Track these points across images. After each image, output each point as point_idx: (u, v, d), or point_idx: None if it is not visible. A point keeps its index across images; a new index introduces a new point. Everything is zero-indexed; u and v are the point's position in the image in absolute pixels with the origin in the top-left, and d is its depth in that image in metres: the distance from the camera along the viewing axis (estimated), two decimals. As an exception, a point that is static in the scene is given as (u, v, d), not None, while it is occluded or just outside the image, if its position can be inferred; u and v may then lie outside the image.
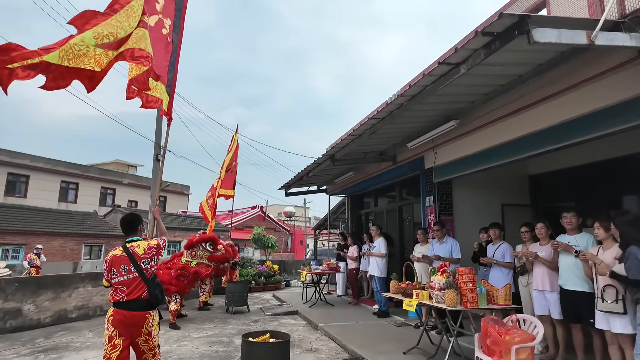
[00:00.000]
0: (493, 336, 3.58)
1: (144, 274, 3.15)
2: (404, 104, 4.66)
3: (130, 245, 3.20)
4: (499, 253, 5.39)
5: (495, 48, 3.27)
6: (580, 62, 3.98)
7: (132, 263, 3.13)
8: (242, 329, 6.81)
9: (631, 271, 3.14)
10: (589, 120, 4.28)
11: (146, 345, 3.16)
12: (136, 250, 3.17)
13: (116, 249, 3.22)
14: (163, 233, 3.63)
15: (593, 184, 7.36)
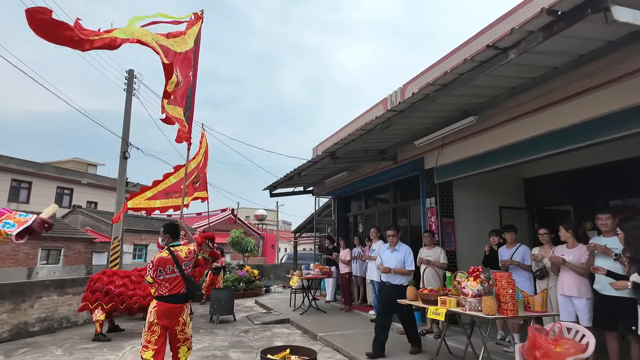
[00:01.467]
0: (544, 347, 3.25)
1: (184, 273, 3.88)
2: (430, 94, 4.30)
3: (175, 249, 3.93)
4: (518, 256, 5.14)
5: (558, 30, 2.97)
6: (626, 54, 3.78)
7: (175, 264, 3.84)
8: (234, 341, 6.19)
9: None
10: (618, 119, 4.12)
11: (182, 334, 3.88)
12: (179, 254, 3.92)
13: (162, 252, 3.95)
14: (191, 240, 4.34)
15: (585, 187, 7.40)
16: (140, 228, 21.79)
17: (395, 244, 5.45)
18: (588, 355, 3.28)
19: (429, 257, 6.18)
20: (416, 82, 7.05)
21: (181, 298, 3.80)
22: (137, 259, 21.08)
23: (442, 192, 7.11)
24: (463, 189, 7.33)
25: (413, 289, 4.87)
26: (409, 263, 5.25)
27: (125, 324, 7.22)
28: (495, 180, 7.54)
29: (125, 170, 14.12)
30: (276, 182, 9.69)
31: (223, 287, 9.99)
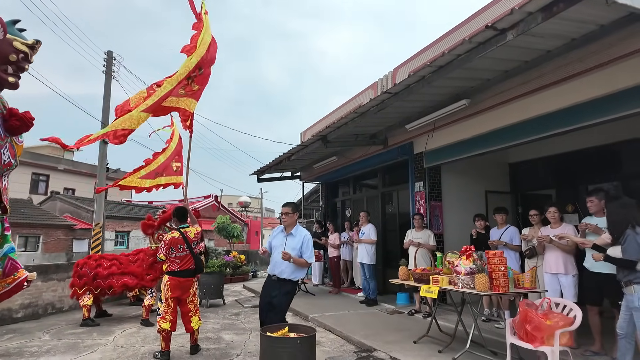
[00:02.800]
0: (536, 321, 3.38)
1: (194, 251, 4.45)
2: (426, 76, 4.32)
3: (185, 230, 4.49)
4: (507, 236, 5.30)
5: (558, 11, 3.01)
6: (616, 38, 3.87)
7: (186, 243, 4.40)
8: (226, 323, 6.20)
9: (627, 252, 3.17)
10: (606, 102, 4.24)
11: (192, 304, 4.47)
12: (189, 234, 4.47)
13: (174, 232, 4.48)
14: (195, 222, 4.82)
15: (566, 172, 7.64)
16: (122, 214, 21.37)
17: (292, 226, 4.11)
18: (576, 327, 3.43)
19: (418, 239, 6.30)
20: (407, 65, 7.05)
21: (191, 272, 4.43)
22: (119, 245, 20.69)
23: (431, 176, 7.21)
24: (451, 173, 7.45)
25: (405, 268, 4.97)
26: (308, 254, 3.98)
27: (113, 309, 7.12)
28: (481, 164, 7.69)
29: (105, 155, 13.72)
30: (264, 167, 9.61)
31: (211, 271, 9.92)
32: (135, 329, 5.77)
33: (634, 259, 3.13)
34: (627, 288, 3.20)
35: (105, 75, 14.53)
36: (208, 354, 4.53)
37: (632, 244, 3.15)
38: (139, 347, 4.83)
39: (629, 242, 3.17)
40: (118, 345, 4.92)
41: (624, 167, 6.68)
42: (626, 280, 3.20)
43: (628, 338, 3.28)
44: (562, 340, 3.36)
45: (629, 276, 3.17)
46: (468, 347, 4.14)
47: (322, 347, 4.85)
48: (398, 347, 4.57)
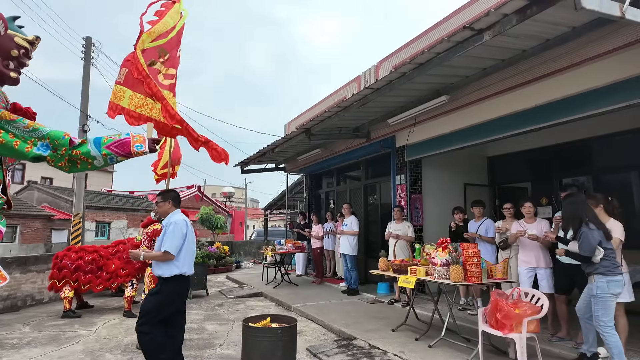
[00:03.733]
0: (505, 310, 3.57)
1: None
2: (407, 72, 4.41)
3: None
4: (482, 229, 5.50)
5: (531, 14, 3.13)
6: (586, 40, 4.04)
7: None
8: (209, 314, 6.27)
9: (582, 249, 3.44)
10: (579, 100, 4.43)
11: None
12: None
13: (156, 224, 4.72)
14: None
15: (542, 166, 7.92)
16: (102, 204, 21.01)
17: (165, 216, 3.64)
18: (542, 315, 3.63)
19: (398, 230, 6.46)
20: (390, 59, 7.14)
21: None
22: (100, 236, 20.39)
23: (412, 169, 7.37)
24: (431, 166, 7.62)
25: (385, 260, 5.12)
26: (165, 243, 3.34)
27: (95, 300, 7.10)
28: (461, 158, 7.88)
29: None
30: (248, 159, 9.61)
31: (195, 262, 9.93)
32: (117, 320, 5.79)
33: (587, 255, 3.40)
34: (589, 278, 3.50)
35: (84, 62, 14.15)
36: (191, 344, 4.61)
37: (586, 240, 3.40)
38: (122, 338, 4.87)
39: (583, 239, 3.42)
40: (100, 336, 4.94)
41: (595, 162, 6.98)
42: (587, 271, 3.49)
43: (587, 319, 3.58)
44: (529, 327, 3.55)
45: (589, 268, 3.46)
46: (443, 334, 4.33)
47: (304, 336, 4.98)
48: (377, 335, 4.73)
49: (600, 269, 3.38)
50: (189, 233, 3.51)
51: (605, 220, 3.88)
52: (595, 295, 3.38)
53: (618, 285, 3.37)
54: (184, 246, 3.40)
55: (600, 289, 3.36)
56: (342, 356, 4.09)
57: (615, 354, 3.29)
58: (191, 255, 3.56)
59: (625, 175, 6.47)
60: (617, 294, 3.39)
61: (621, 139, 6.26)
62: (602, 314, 3.34)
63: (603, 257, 3.37)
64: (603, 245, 3.39)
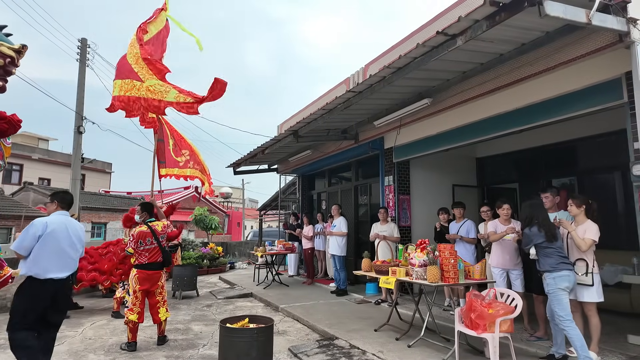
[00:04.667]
0: (479, 310, 3.64)
1: (161, 244, 4.58)
2: (386, 77, 4.48)
3: (152, 224, 4.64)
4: (463, 230, 5.56)
5: (500, 20, 3.19)
6: (560, 45, 4.11)
7: (153, 236, 4.54)
8: (197, 315, 6.33)
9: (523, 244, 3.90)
10: (558, 103, 4.50)
11: (160, 296, 4.62)
12: (156, 228, 4.63)
13: (142, 227, 4.59)
14: (162, 217, 5.31)
15: (529, 167, 7.99)
16: (98, 205, 21.05)
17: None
18: (516, 315, 3.69)
19: (383, 232, 6.52)
20: (377, 62, 7.19)
21: (159, 265, 4.58)
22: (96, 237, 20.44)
23: (400, 171, 7.44)
24: (419, 167, 7.69)
25: (368, 260, 5.19)
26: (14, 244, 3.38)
27: (85, 301, 7.16)
28: (449, 159, 7.95)
29: (80, 145, 13.52)
30: (239, 160, 9.67)
31: (186, 263, 10.00)
32: (105, 321, 5.85)
33: (525, 251, 3.84)
34: (542, 278, 3.77)
35: (79, 64, 14.21)
36: (175, 345, 4.67)
37: (525, 238, 3.84)
38: (107, 338, 4.93)
39: (524, 236, 3.87)
40: (86, 337, 5.00)
41: (580, 163, 7.05)
42: (539, 271, 3.81)
43: (554, 320, 3.75)
44: (502, 327, 3.61)
45: (538, 267, 3.78)
46: (422, 334, 4.40)
47: (288, 336, 5.05)
48: (359, 335, 4.80)
49: (546, 267, 3.66)
50: (56, 236, 3.39)
51: (582, 221, 3.95)
52: (548, 292, 3.64)
53: (564, 279, 3.60)
54: (41, 248, 3.30)
55: (550, 285, 3.62)
56: (321, 356, 4.15)
57: (579, 346, 3.43)
58: (57, 258, 3.39)
59: (608, 176, 6.54)
60: (565, 287, 3.59)
61: (604, 141, 6.33)
62: (558, 309, 3.56)
63: (546, 255, 3.69)
64: (544, 245, 3.71)
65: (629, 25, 3.47)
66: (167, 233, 4.82)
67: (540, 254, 3.74)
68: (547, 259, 3.70)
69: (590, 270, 3.79)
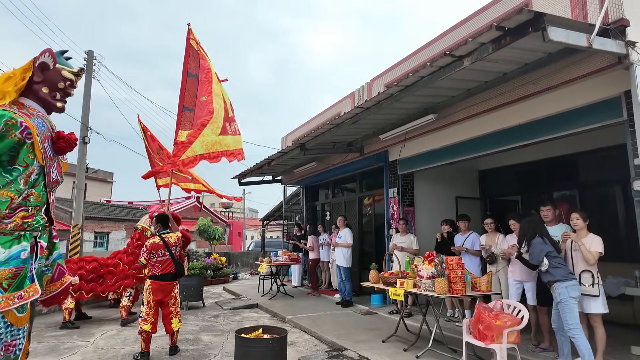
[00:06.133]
0: (487, 321, 3.74)
1: (174, 256, 4.69)
2: (395, 94, 4.65)
3: (165, 236, 4.73)
4: (468, 242, 5.68)
5: (505, 43, 3.36)
6: (563, 65, 4.28)
7: (166, 248, 4.64)
8: (205, 325, 6.40)
9: (532, 256, 3.95)
10: (560, 120, 4.66)
11: (173, 306, 4.73)
12: (169, 240, 4.72)
13: (155, 238, 4.69)
14: (176, 229, 5.23)
15: (532, 180, 8.13)
16: (101, 215, 21.10)
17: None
18: (522, 327, 3.79)
19: (402, 243, 6.61)
20: (382, 78, 7.40)
21: (172, 276, 4.68)
22: (99, 247, 20.46)
23: (404, 183, 7.57)
24: (423, 179, 7.83)
25: (375, 272, 5.29)
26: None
27: (93, 311, 7.23)
28: (452, 172, 8.08)
29: (85, 155, 13.68)
30: (245, 171, 9.81)
31: (191, 274, 10.06)
32: (115, 331, 5.92)
33: (535, 263, 3.89)
34: (551, 288, 3.83)
35: (86, 75, 14.43)
36: (187, 355, 4.74)
37: (536, 249, 3.91)
38: (119, 348, 5.00)
39: (534, 247, 3.92)
40: (98, 347, 5.08)
41: (582, 176, 7.19)
42: (547, 281, 3.88)
43: (561, 331, 3.85)
44: (509, 338, 3.71)
45: (548, 277, 3.86)
46: (430, 345, 4.49)
47: (297, 347, 5.12)
48: (367, 346, 4.88)
49: (557, 277, 3.77)
50: None
51: (586, 234, 4.08)
52: (560, 301, 3.73)
53: (575, 288, 3.73)
54: None
55: (562, 294, 3.71)
56: (332, 366, 4.23)
57: (587, 355, 3.56)
58: None
59: (609, 190, 6.67)
60: (577, 296, 3.72)
61: (605, 155, 6.47)
62: (569, 318, 3.67)
63: (555, 265, 3.79)
64: (553, 255, 3.84)
65: (628, 48, 3.65)
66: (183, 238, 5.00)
67: (551, 265, 3.85)
68: (558, 269, 3.83)
69: (597, 281, 3.90)
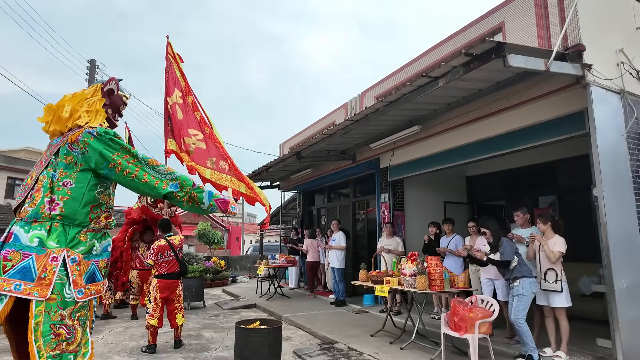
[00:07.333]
0: (461, 314, 4.17)
1: (178, 256, 5.15)
2: (380, 108, 5.10)
3: (170, 239, 5.18)
4: (452, 244, 6.12)
5: (473, 67, 3.83)
6: (531, 83, 4.76)
7: (171, 249, 5.10)
8: (206, 323, 6.80)
9: (505, 254, 4.30)
10: (531, 132, 5.12)
11: (177, 303, 5.16)
12: (174, 242, 5.17)
13: (161, 241, 5.16)
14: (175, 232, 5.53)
15: (515, 185, 8.60)
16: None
17: None
18: (493, 318, 4.22)
19: (389, 245, 7.05)
20: (373, 90, 7.87)
21: (176, 275, 5.15)
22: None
23: (395, 189, 8.01)
24: (413, 185, 8.27)
25: (365, 272, 5.72)
26: None
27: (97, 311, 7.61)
28: (441, 178, 8.53)
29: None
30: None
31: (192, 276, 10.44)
32: (122, 328, 6.32)
33: (509, 259, 4.24)
34: (514, 283, 4.24)
35: (88, 84, 14.90)
36: (190, 348, 5.15)
37: (507, 246, 4.29)
38: (127, 343, 5.40)
39: (505, 246, 4.28)
40: (108, 342, 5.47)
41: (560, 182, 7.65)
42: (512, 277, 4.27)
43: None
44: (481, 329, 4.14)
45: (514, 274, 4.23)
46: (413, 338, 4.92)
47: (292, 341, 5.53)
48: (356, 340, 5.29)
49: (524, 273, 4.18)
50: None
51: (551, 235, 4.53)
52: (521, 294, 4.15)
53: (535, 285, 4.20)
54: None
55: (525, 289, 4.14)
56: (323, 357, 4.64)
57: (529, 340, 4.05)
58: None
59: (584, 195, 7.11)
60: (535, 292, 4.19)
61: (581, 162, 6.90)
62: (522, 309, 4.12)
63: (522, 263, 4.20)
64: (518, 253, 4.29)
65: (584, 70, 4.12)
66: None
67: (519, 260, 4.29)
68: (524, 266, 4.28)
69: (559, 278, 4.34)
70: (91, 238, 2.45)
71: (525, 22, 4.90)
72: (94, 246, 2.46)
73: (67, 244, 2.33)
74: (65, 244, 2.32)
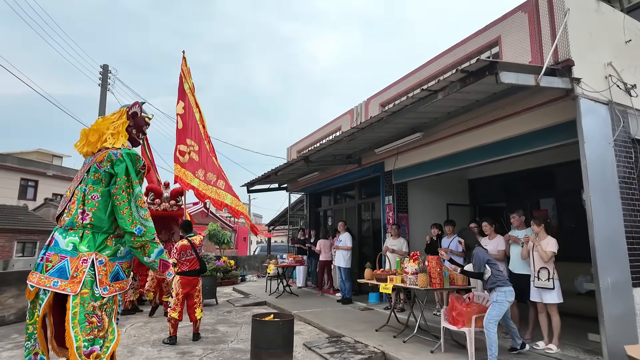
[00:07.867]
0: (459, 309, 4.52)
1: (199, 255, 5.63)
2: (384, 117, 5.47)
3: (191, 239, 5.65)
4: (453, 244, 6.46)
5: (469, 82, 4.18)
6: (524, 95, 5.09)
7: (192, 249, 5.55)
8: (220, 318, 7.20)
9: (475, 265, 4.46)
10: (525, 139, 5.45)
11: (197, 298, 5.57)
12: (195, 241, 5.62)
13: (183, 240, 5.60)
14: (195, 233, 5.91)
15: (516, 188, 8.90)
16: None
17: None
18: (488, 313, 4.56)
19: (393, 246, 7.40)
20: (377, 97, 8.23)
21: (196, 272, 5.55)
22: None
23: (399, 191, 8.36)
24: (416, 188, 8.61)
25: (370, 270, 6.08)
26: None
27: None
28: (443, 181, 8.85)
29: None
30: (254, 180, 10.65)
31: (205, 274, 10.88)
32: (142, 323, 6.74)
33: (476, 271, 4.40)
34: (491, 291, 4.36)
35: (101, 89, 15.42)
36: (207, 340, 5.55)
37: (476, 257, 4.44)
38: (149, 336, 5.81)
39: (475, 256, 4.45)
40: (131, 335, 5.89)
41: (559, 185, 7.96)
42: (489, 288, 4.39)
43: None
44: (477, 323, 4.48)
45: (490, 285, 4.36)
46: (415, 332, 5.27)
47: (301, 335, 5.91)
48: (362, 334, 5.66)
49: (498, 283, 4.29)
50: None
51: (544, 236, 4.87)
52: (496, 301, 4.25)
53: (511, 294, 4.30)
54: None
55: (499, 297, 4.25)
56: (331, 348, 5.01)
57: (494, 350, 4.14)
58: None
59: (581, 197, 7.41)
60: (511, 301, 4.32)
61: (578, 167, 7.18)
62: (495, 315, 4.22)
63: (496, 273, 4.32)
64: (492, 262, 4.41)
65: (573, 84, 4.45)
66: None
67: (492, 272, 4.34)
68: (499, 276, 4.36)
69: (551, 276, 4.68)
70: (116, 243, 2.89)
71: (519, 37, 5.23)
72: (118, 250, 2.90)
73: (96, 248, 2.78)
74: (94, 248, 2.77)
